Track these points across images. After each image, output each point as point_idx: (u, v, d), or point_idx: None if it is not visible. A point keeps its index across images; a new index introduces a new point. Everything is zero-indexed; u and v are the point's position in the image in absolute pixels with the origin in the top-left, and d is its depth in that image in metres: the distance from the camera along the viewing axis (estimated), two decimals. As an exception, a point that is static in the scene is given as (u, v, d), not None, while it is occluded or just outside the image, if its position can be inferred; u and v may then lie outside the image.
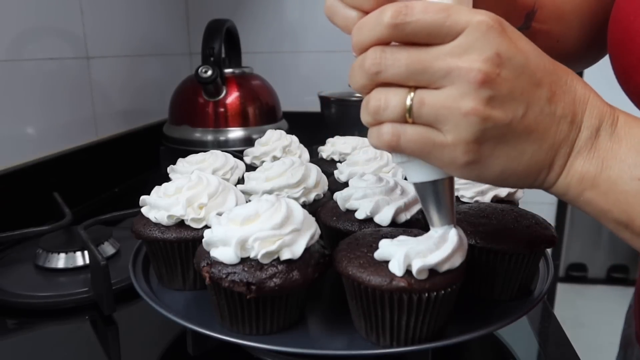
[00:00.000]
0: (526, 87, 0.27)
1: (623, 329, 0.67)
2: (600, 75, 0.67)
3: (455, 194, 0.53)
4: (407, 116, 0.28)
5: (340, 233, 0.46)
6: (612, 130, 0.29)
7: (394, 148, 0.29)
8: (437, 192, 0.33)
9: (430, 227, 0.36)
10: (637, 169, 0.28)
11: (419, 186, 0.33)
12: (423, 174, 0.32)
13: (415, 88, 0.28)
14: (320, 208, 0.52)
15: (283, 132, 0.74)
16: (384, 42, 0.28)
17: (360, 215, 0.46)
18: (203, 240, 0.40)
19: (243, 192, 0.52)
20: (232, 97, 0.97)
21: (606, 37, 0.46)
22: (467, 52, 0.26)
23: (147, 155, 1.04)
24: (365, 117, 0.30)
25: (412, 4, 0.27)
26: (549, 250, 0.50)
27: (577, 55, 0.52)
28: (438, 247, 0.36)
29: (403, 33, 0.27)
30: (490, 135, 0.27)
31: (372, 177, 0.50)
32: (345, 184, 0.54)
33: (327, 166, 0.69)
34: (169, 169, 0.61)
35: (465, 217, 0.46)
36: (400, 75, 0.28)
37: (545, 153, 0.29)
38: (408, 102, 0.28)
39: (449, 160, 0.28)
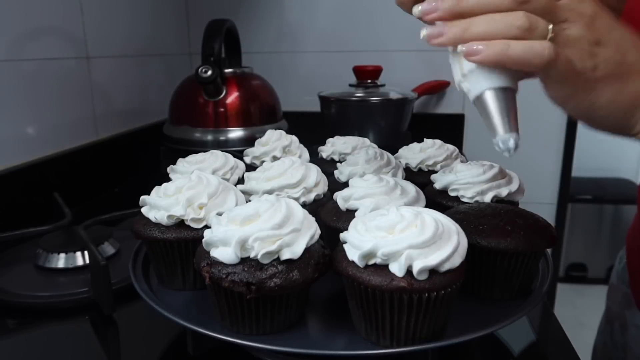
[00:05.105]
0: (619, 39, 0.36)
1: (606, 305, 0.70)
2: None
3: (456, 194, 0.53)
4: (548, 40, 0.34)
5: (340, 233, 0.46)
6: None
7: (550, 61, 0.34)
8: (508, 98, 0.36)
9: (493, 138, 0.36)
10: None
11: (490, 93, 0.36)
12: (496, 80, 0.35)
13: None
14: (320, 208, 0.52)
15: (283, 132, 0.74)
16: None
17: (360, 215, 0.46)
18: (203, 240, 0.40)
19: (243, 192, 0.52)
20: (232, 97, 0.97)
21: None
22: (582, 3, 0.35)
23: (147, 155, 1.04)
24: (512, 30, 0.34)
25: None
26: (549, 250, 0.50)
27: None
28: (439, 247, 0.36)
29: None
30: (603, 68, 0.35)
31: (372, 177, 0.50)
32: (345, 184, 0.54)
33: (327, 166, 0.69)
34: (169, 169, 0.61)
35: (465, 217, 0.46)
36: (538, 10, 0.34)
37: (634, 93, 0.36)
38: (551, 29, 0.34)
39: (579, 87, 0.35)
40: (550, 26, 0.34)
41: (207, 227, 0.44)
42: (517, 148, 0.36)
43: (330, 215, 0.49)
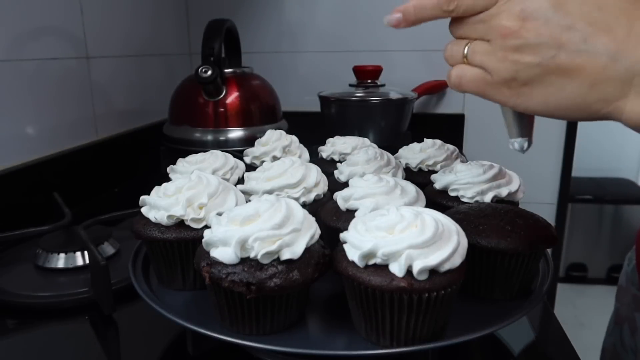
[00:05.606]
0: (555, 32, 0.32)
1: (615, 307, 0.69)
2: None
3: (456, 194, 0.53)
4: (465, 61, 0.36)
5: (340, 233, 0.46)
6: None
7: (458, 87, 0.37)
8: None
9: (509, 138, 0.40)
10: None
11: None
12: None
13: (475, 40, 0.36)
14: (320, 208, 0.52)
15: (283, 132, 0.74)
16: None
17: (360, 215, 0.46)
18: (203, 240, 0.40)
19: (243, 192, 0.52)
20: (232, 97, 0.97)
21: None
22: (498, 14, 0.34)
23: (147, 155, 1.04)
24: (448, 62, 0.38)
25: None
26: (549, 250, 0.50)
27: None
28: (439, 247, 0.36)
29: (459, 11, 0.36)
30: (526, 75, 0.33)
31: (372, 177, 0.50)
32: (345, 184, 0.54)
33: (327, 166, 0.69)
34: (169, 169, 0.61)
35: (465, 217, 0.46)
36: (463, 33, 0.37)
37: (588, 87, 0.32)
38: (465, 51, 0.36)
39: (499, 95, 0.36)
40: (467, 47, 0.36)
41: (207, 227, 0.44)
42: (527, 149, 0.40)
43: (330, 215, 0.49)
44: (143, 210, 0.47)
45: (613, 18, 0.31)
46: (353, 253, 0.37)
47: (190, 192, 0.46)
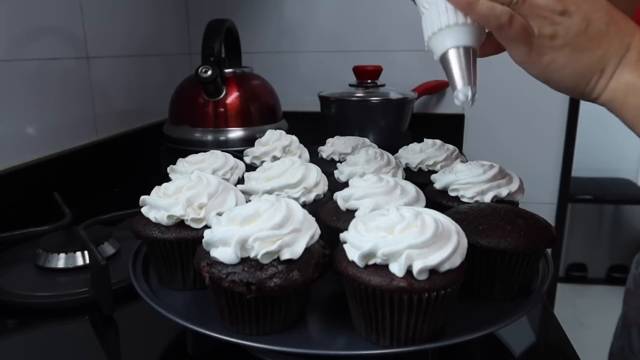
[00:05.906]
0: (588, 10, 0.38)
1: (623, 310, 0.69)
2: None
3: (456, 194, 0.53)
4: (512, 5, 0.38)
5: (340, 233, 0.46)
6: None
7: (503, 25, 0.38)
8: (469, 56, 0.40)
9: (454, 91, 0.40)
10: None
11: (452, 51, 0.40)
12: (459, 40, 0.40)
13: None
14: (320, 208, 0.52)
15: (283, 132, 0.74)
16: None
17: (360, 215, 0.46)
18: (203, 240, 0.40)
19: (243, 192, 0.52)
20: (232, 97, 0.97)
21: None
22: None
23: (147, 155, 1.04)
24: None
25: None
26: (549, 250, 0.50)
27: None
28: (439, 247, 0.36)
29: None
30: (561, 36, 0.38)
31: (372, 177, 0.50)
32: (345, 184, 0.54)
33: (327, 166, 0.69)
34: (169, 169, 0.61)
35: (465, 217, 0.46)
36: None
37: (598, 59, 0.38)
38: None
39: (527, 50, 0.39)
40: None
41: (207, 227, 0.44)
42: (474, 100, 0.40)
43: (330, 215, 0.49)
44: (143, 210, 0.47)
45: (614, 13, 0.39)
46: (353, 253, 0.37)
47: (190, 192, 0.46)
